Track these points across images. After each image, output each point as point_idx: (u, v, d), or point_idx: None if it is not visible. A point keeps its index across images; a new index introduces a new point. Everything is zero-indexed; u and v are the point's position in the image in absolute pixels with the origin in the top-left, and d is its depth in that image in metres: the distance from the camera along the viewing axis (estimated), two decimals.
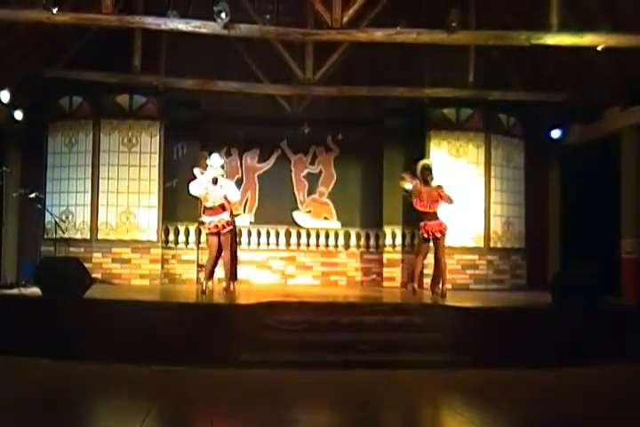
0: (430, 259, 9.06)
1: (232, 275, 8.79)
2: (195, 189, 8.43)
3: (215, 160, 8.44)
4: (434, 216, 8.79)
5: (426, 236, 8.77)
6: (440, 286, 8.76)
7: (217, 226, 8.40)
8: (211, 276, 8.66)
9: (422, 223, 8.78)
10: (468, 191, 10.79)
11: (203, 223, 8.86)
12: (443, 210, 8.99)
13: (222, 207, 8.44)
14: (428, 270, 9.51)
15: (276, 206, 11.52)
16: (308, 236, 11.61)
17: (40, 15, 7.54)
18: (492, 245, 11.04)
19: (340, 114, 11.46)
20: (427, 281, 9.62)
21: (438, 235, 8.75)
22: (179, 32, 8.30)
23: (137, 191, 10.54)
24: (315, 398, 5.53)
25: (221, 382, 5.94)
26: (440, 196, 8.75)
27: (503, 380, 6.14)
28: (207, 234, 8.62)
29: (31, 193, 9.45)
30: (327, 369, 6.32)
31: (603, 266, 7.84)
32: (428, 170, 8.92)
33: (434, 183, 8.85)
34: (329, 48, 9.91)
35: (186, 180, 10.83)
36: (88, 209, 10.44)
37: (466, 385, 5.90)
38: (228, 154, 11.42)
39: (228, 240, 8.49)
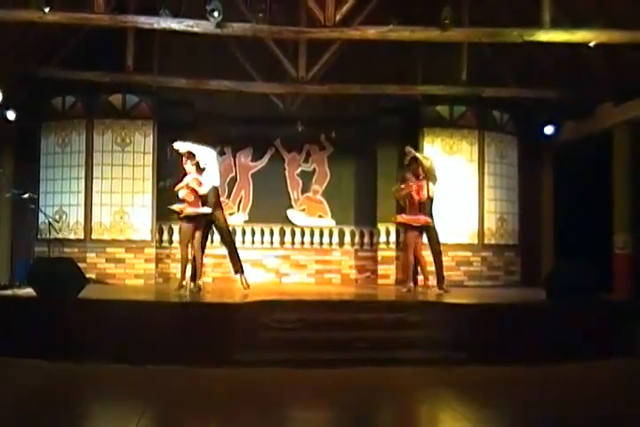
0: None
1: (240, 268, 8.76)
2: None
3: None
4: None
5: None
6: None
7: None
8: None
9: None
10: (461, 188, 10.83)
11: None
12: (436, 207, 9.15)
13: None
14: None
15: (270, 205, 11.50)
16: (303, 234, 11.62)
17: (32, 15, 7.51)
18: (486, 241, 11.07)
19: (334, 112, 11.44)
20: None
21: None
22: (171, 31, 8.28)
23: (130, 191, 10.53)
24: (311, 397, 5.54)
25: (217, 382, 5.94)
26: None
27: (499, 376, 6.16)
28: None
29: (24, 193, 9.43)
30: (323, 367, 6.32)
31: (595, 262, 7.85)
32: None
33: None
34: (322, 46, 9.91)
35: (179, 179, 10.94)
36: (82, 209, 10.42)
37: (462, 382, 5.92)
38: (222, 153, 11.42)
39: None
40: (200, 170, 8.51)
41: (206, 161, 8.54)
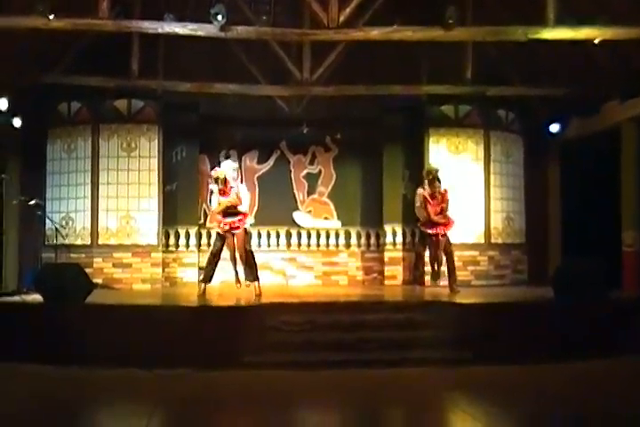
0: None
1: (255, 276, 8.52)
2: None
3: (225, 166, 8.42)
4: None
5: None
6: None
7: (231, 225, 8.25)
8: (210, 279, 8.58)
9: None
10: (468, 188, 10.78)
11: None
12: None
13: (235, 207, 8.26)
14: None
15: (276, 207, 11.49)
16: (309, 236, 11.61)
17: (37, 22, 7.54)
18: (492, 240, 11.02)
19: (339, 113, 11.43)
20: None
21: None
22: (176, 35, 8.30)
23: (137, 196, 10.53)
24: (319, 398, 5.54)
25: (225, 384, 5.95)
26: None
27: (507, 376, 6.14)
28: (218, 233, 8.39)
29: (31, 200, 9.45)
30: (331, 369, 6.32)
31: (604, 259, 7.82)
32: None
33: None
34: (326, 48, 9.90)
35: (185, 183, 11.00)
36: (88, 214, 10.43)
37: (470, 382, 5.90)
38: (227, 156, 11.42)
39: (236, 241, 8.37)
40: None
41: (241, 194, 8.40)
